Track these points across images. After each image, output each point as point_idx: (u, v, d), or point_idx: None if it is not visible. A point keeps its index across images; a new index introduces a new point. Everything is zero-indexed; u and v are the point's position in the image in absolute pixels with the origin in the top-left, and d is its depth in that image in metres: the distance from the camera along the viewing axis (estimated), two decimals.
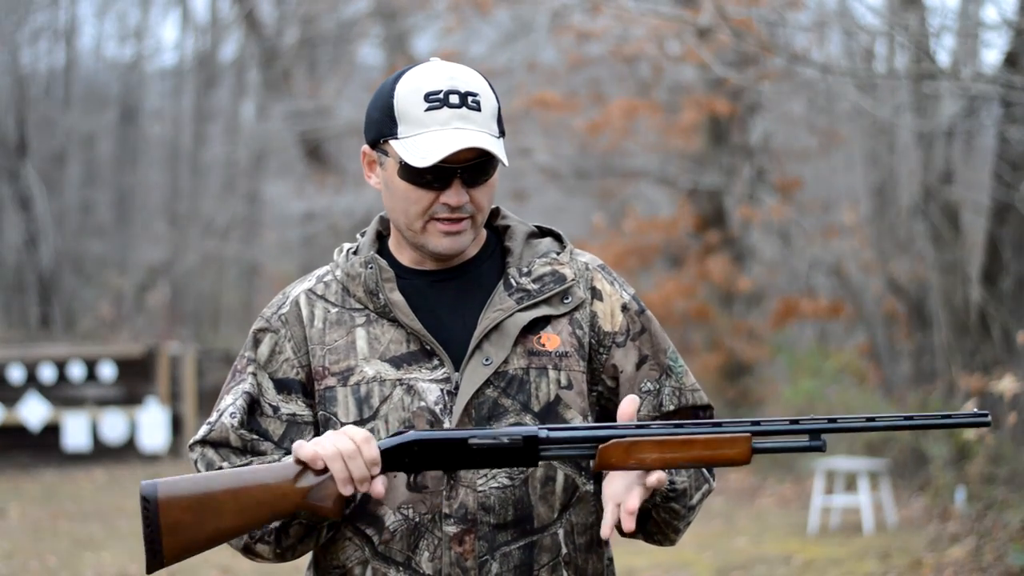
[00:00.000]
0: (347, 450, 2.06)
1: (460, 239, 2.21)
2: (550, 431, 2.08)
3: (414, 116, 2.18)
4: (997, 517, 8.60)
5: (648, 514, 2.19)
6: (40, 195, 20.96)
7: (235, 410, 2.24)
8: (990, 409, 9.99)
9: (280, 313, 2.29)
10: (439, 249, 2.21)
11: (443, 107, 2.18)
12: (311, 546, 2.20)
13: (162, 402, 15.31)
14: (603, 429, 2.08)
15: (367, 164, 2.27)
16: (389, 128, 2.20)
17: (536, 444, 2.08)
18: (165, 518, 2.03)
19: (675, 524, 2.22)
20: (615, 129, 14.52)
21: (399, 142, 2.18)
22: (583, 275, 2.29)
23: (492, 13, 15.21)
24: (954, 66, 9.05)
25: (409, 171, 2.18)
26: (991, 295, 11.00)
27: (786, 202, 14.23)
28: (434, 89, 2.19)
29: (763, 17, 9.22)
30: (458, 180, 2.18)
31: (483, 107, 2.19)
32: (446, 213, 2.19)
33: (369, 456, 2.06)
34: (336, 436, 2.07)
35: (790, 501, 12.13)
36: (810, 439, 2.11)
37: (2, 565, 9.32)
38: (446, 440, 2.09)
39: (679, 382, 2.29)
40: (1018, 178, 10.45)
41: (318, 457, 2.06)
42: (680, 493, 2.19)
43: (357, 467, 2.06)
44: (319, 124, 18.27)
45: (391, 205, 2.23)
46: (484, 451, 2.08)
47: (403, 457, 2.09)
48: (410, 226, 2.22)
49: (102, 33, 25.04)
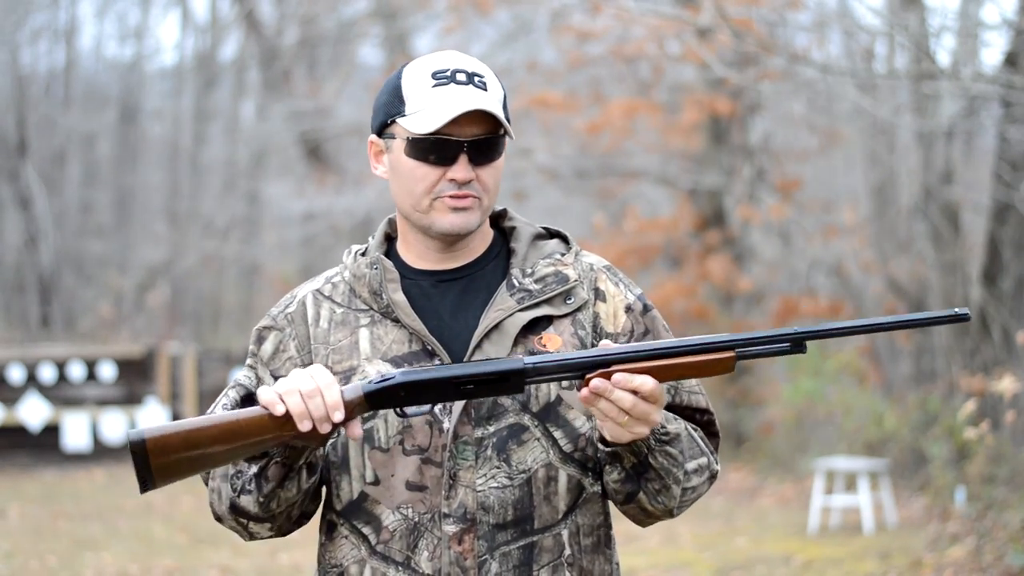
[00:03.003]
0: (307, 389, 2.06)
1: (467, 216, 2.21)
2: (534, 363, 2.09)
3: (421, 93, 2.19)
4: (997, 517, 8.60)
5: (647, 464, 2.16)
6: (40, 195, 20.96)
7: (228, 401, 2.27)
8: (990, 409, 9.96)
9: (286, 312, 2.31)
10: (445, 227, 2.21)
11: (450, 83, 2.19)
12: (294, 493, 2.18)
13: (162, 402, 15.31)
14: (584, 357, 2.08)
15: (374, 155, 2.28)
16: (396, 108, 2.21)
17: (522, 375, 2.09)
18: (153, 448, 2.06)
19: (675, 473, 2.17)
20: (615, 129, 14.52)
21: (406, 118, 2.19)
22: (587, 276, 2.28)
23: (492, 13, 15.22)
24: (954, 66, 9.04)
25: (415, 147, 2.18)
26: (991, 295, 11.00)
27: (786, 202, 14.23)
28: (441, 68, 2.21)
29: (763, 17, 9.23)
30: (464, 155, 2.18)
31: (489, 89, 2.21)
32: (453, 190, 2.19)
33: (331, 400, 2.06)
34: (299, 374, 2.08)
35: (790, 501, 12.13)
36: (792, 346, 2.12)
37: (2, 565, 9.32)
38: (434, 380, 2.10)
39: (676, 381, 2.27)
40: (1018, 178, 10.45)
41: (276, 399, 2.06)
42: (674, 437, 2.16)
43: (316, 406, 2.06)
44: (319, 124, 18.27)
45: (397, 189, 2.24)
46: (472, 388, 2.10)
47: (390, 399, 2.10)
48: (416, 206, 2.21)
49: (102, 33, 25.06)
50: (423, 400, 2.10)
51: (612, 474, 2.18)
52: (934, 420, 11.04)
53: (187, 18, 24.00)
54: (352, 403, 2.09)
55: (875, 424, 11.93)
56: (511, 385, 2.10)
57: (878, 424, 11.86)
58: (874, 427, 11.95)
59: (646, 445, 2.13)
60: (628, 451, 2.13)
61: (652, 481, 2.18)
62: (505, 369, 2.09)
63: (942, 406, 11.03)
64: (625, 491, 2.19)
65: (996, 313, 10.91)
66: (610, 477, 2.19)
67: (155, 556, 9.71)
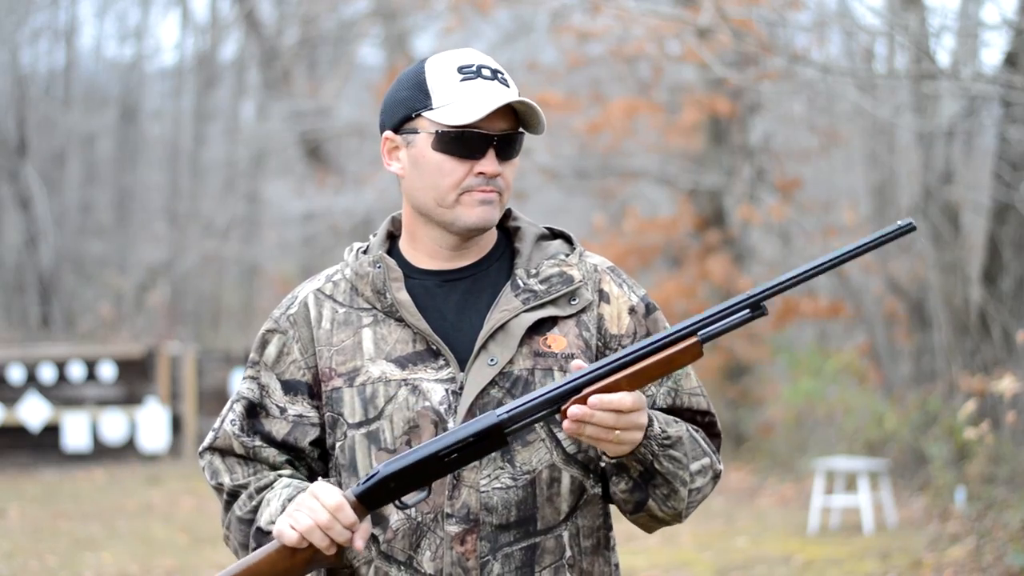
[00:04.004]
0: (323, 521, 2.08)
1: (492, 210, 2.21)
2: (508, 413, 2.07)
3: (449, 86, 2.19)
4: (997, 517, 8.60)
5: (654, 471, 2.16)
6: (40, 195, 20.96)
7: (235, 417, 2.28)
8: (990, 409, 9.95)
9: (288, 314, 2.30)
10: (472, 221, 2.20)
11: (477, 78, 2.20)
12: None
13: (162, 402, 15.31)
14: (554, 390, 2.08)
15: (388, 152, 2.26)
16: (422, 102, 2.20)
17: (501, 430, 2.08)
18: None
19: (681, 475, 2.17)
20: (615, 129, 14.52)
21: (434, 111, 2.19)
22: (591, 277, 2.28)
23: (492, 13, 15.21)
24: (954, 66, 9.04)
25: (445, 141, 2.18)
26: (991, 295, 11.00)
27: (786, 202, 14.23)
28: (466, 63, 2.21)
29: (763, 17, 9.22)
30: (493, 149, 2.18)
31: (511, 87, 2.22)
32: (481, 184, 2.19)
33: (345, 521, 2.08)
34: (310, 506, 2.09)
35: (790, 501, 12.12)
36: (752, 311, 2.10)
37: (2, 565, 9.32)
38: (417, 463, 2.09)
39: (676, 383, 2.27)
40: (1018, 178, 10.45)
41: (302, 539, 2.09)
42: (676, 440, 2.16)
43: (336, 534, 2.08)
44: (319, 124, 18.26)
45: (419, 184, 2.22)
46: (456, 457, 2.09)
47: (383, 493, 2.10)
48: (441, 201, 2.20)
49: (102, 33, 25.06)
50: (413, 485, 2.10)
51: (620, 484, 2.18)
52: (934, 420, 11.04)
53: (187, 18, 24.00)
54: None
55: (875, 424, 11.93)
56: (493, 442, 2.09)
57: (878, 424, 11.86)
58: (874, 427, 11.95)
59: (650, 452, 2.13)
60: (633, 459, 2.13)
61: (660, 487, 2.17)
62: (481, 429, 2.08)
63: (942, 406, 11.03)
64: (634, 500, 2.19)
65: (996, 313, 10.91)
66: (618, 488, 2.19)
67: (155, 556, 9.71)
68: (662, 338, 2.09)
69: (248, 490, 2.25)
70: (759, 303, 2.10)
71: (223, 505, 2.29)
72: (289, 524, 2.09)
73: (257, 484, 2.25)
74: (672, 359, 2.09)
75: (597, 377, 2.07)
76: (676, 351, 2.09)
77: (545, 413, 2.08)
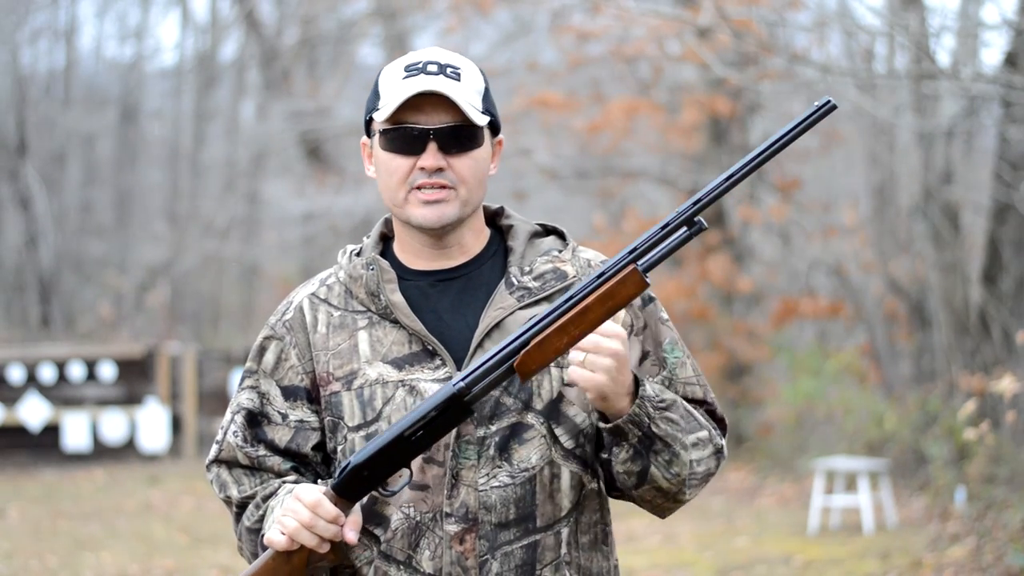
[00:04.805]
0: (305, 520, 2.10)
1: (442, 209, 2.20)
2: (464, 380, 2.07)
3: (393, 85, 2.20)
4: (997, 517, 8.60)
5: (652, 435, 2.14)
6: (40, 195, 20.95)
7: (236, 428, 2.29)
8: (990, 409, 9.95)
9: (284, 320, 2.30)
10: (420, 221, 2.20)
11: (419, 74, 2.19)
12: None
13: (162, 402, 15.31)
14: (503, 348, 2.07)
15: (366, 156, 2.29)
16: (373, 103, 2.23)
17: (460, 400, 2.08)
18: None
19: (680, 439, 2.16)
20: (615, 129, 14.52)
21: (379, 111, 2.20)
22: (585, 272, 2.27)
23: (492, 13, 15.21)
24: (954, 66, 9.04)
25: (387, 138, 2.20)
26: (991, 295, 11.00)
27: (786, 202, 14.23)
28: (415, 61, 2.22)
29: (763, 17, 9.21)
30: (432, 143, 2.18)
31: (463, 79, 2.20)
32: (424, 179, 2.18)
33: (326, 515, 2.10)
34: (292, 508, 2.11)
35: (790, 501, 12.12)
36: (689, 228, 2.08)
37: (2, 565, 9.32)
38: (384, 447, 2.09)
39: (671, 373, 2.27)
40: (1018, 178, 10.45)
41: (291, 542, 2.11)
42: (671, 403, 2.16)
43: (321, 530, 2.10)
44: (319, 124, 18.26)
45: (381, 186, 2.24)
46: (423, 434, 2.09)
47: (359, 482, 2.11)
48: (394, 200, 2.22)
49: (102, 33, 25.04)
50: (388, 470, 2.10)
51: (620, 455, 2.16)
52: (934, 420, 11.04)
53: (187, 18, 24.00)
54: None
55: (875, 424, 11.93)
56: (456, 413, 2.08)
57: (878, 424, 11.86)
58: (874, 427, 11.95)
59: (645, 414, 2.12)
60: (630, 423, 2.12)
61: (661, 452, 2.16)
62: (441, 401, 2.08)
63: (942, 406, 11.03)
64: (636, 469, 2.17)
65: (996, 313, 10.91)
66: (618, 459, 2.17)
67: (155, 556, 9.71)
68: (600, 274, 2.07)
69: (255, 500, 2.27)
70: (692, 218, 2.08)
71: (233, 517, 2.30)
72: (278, 530, 2.12)
73: (263, 493, 2.26)
74: (612, 292, 2.05)
75: (544, 326, 2.06)
76: (615, 283, 2.06)
77: (500, 372, 2.08)
